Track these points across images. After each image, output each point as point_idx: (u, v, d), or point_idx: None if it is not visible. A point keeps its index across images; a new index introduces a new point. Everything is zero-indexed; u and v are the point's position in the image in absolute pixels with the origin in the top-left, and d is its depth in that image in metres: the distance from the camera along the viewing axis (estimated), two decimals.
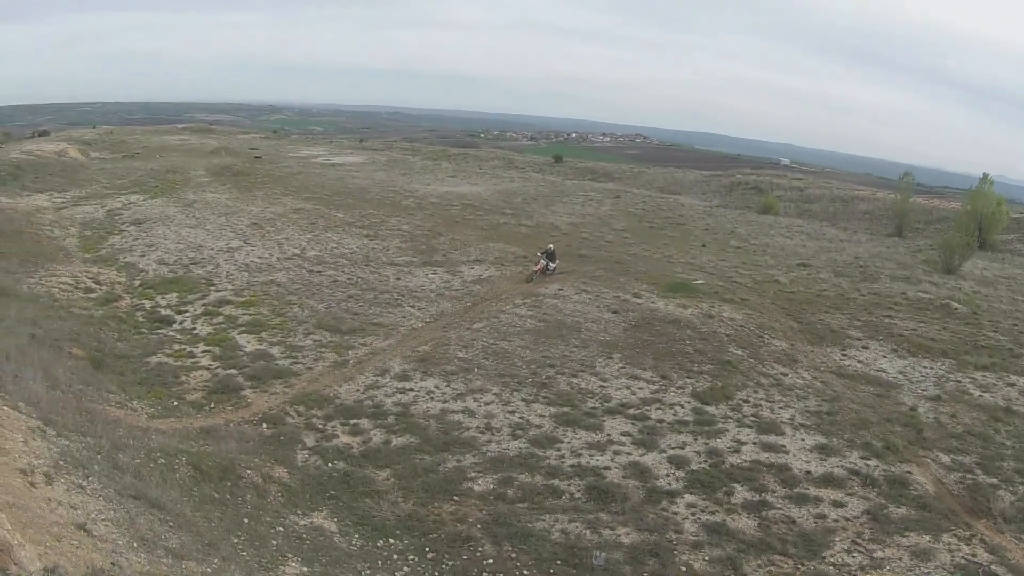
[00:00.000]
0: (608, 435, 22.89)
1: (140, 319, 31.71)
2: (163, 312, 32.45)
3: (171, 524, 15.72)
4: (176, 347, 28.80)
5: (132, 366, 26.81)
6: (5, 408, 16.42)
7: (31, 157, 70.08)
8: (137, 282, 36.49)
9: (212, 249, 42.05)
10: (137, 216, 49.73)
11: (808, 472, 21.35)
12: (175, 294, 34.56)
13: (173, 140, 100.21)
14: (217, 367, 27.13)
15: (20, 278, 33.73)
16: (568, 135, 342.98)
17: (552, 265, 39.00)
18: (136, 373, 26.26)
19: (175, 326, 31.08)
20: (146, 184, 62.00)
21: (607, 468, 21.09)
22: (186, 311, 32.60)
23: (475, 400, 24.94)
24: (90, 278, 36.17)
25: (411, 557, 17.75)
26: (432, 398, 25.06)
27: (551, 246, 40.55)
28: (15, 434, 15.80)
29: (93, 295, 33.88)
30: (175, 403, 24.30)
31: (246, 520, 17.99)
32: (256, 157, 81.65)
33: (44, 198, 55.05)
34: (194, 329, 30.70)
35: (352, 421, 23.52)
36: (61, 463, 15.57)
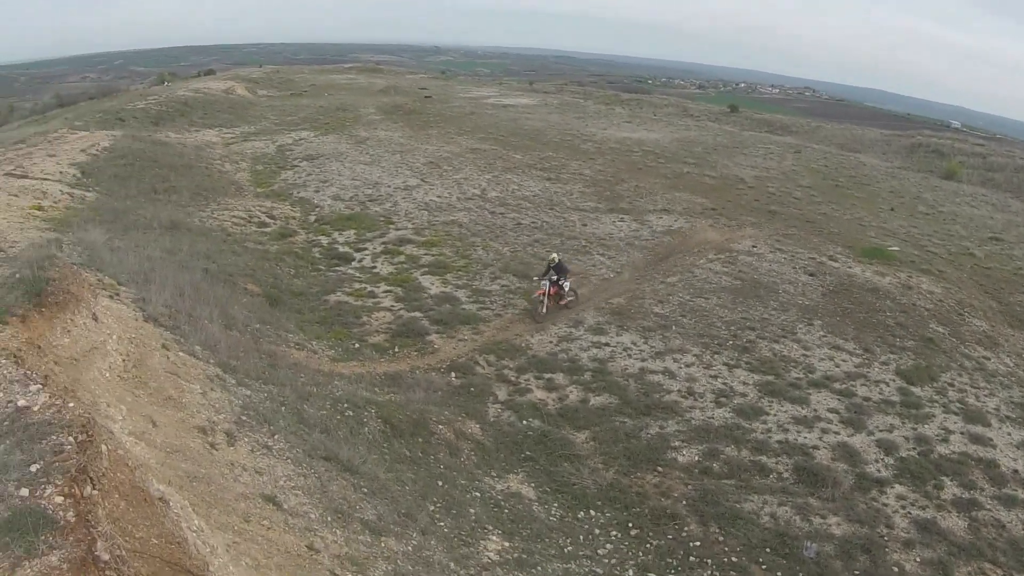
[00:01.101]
0: (815, 410, 21.05)
1: (317, 255, 30.70)
2: (341, 249, 31.33)
3: (365, 490, 14.54)
4: (356, 286, 27.67)
5: (310, 304, 25.82)
6: (181, 354, 14.97)
7: (198, 95, 70.74)
8: (312, 217, 35.53)
9: (389, 187, 40.78)
10: (309, 152, 48.98)
11: (1015, 472, 19.20)
12: (352, 231, 33.43)
13: (340, 79, 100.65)
14: (400, 309, 25.85)
15: (191, 211, 33.07)
16: (736, 84, 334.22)
17: (566, 284, 27.17)
18: (315, 312, 25.23)
19: (354, 264, 29.96)
20: (316, 121, 61.51)
21: (815, 448, 19.36)
22: (365, 249, 31.41)
23: (675, 361, 23.12)
24: (263, 212, 35.39)
25: (613, 533, 16.60)
26: (630, 355, 23.30)
27: (555, 256, 27.72)
28: (193, 384, 14.50)
29: (267, 230, 33.06)
30: (357, 345, 23.14)
31: (440, 483, 16.84)
32: (426, 97, 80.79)
33: (213, 134, 55.03)
34: (374, 268, 29.50)
35: (546, 375, 22.06)
36: (244, 418, 14.37)
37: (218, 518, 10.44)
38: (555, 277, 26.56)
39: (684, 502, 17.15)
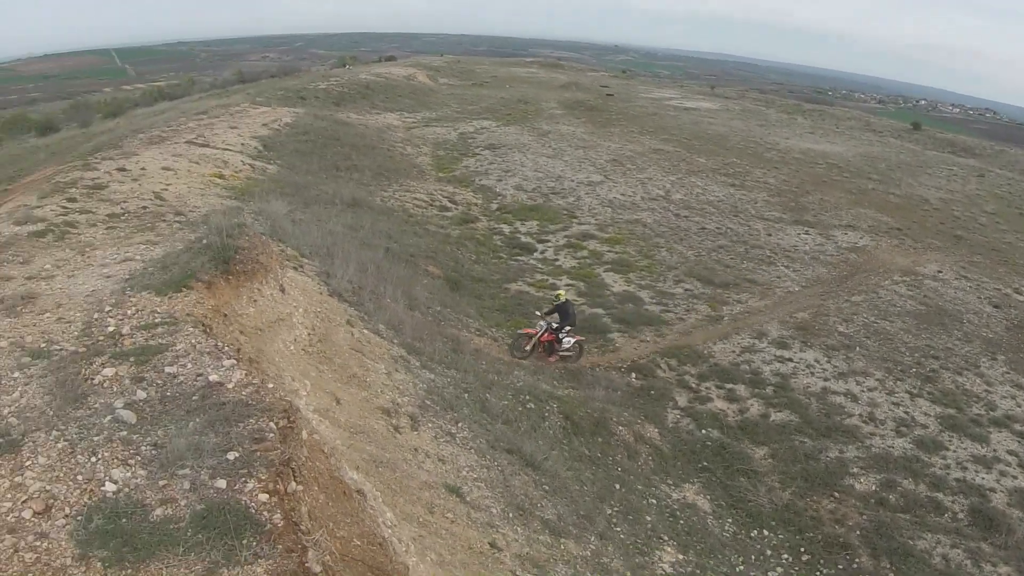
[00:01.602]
0: (994, 450, 19.73)
1: (498, 243, 30.44)
2: (523, 239, 31.05)
3: (546, 488, 14.02)
4: (538, 276, 27.30)
5: (490, 291, 25.57)
6: (366, 331, 14.64)
7: (380, 79, 71.89)
8: (494, 206, 35.32)
9: (572, 181, 40.31)
10: (491, 141, 48.94)
11: None
12: (535, 222, 33.10)
13: (522, 72, 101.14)
14: (582, 303, 25.22)
15: (373, 191, 33.23)
16: (916, 101, 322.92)
17: (566, 338, 21.78)
18: (495, 299, 24.95)
19: (536, 254, 29.62)
20: (498, 111, 61.61)
21: (992, 490, 18.13)
22: (547, 240, 31.02)
23: (857, 383, 21.96)
24: (445, 197, 35.33)
25: (785, 556, 16.02)
26: (812, 373, 22.24)
27: (562, 293, 22.53)
28: (377, 364, 14.16)
29: (448, 214, 32.97)
30: None
31: (617, 486, 16.29)
32: (608, 95, 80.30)
33: (394, 117, 55.63)
34: (556, 260, 29.06)
35: (728, 385, 21.23)
36: (427, 402, 14.00)
37: (404, 508, 10.04)
38: (555, 325, 21.68)
39: (858, 532, 16.43)
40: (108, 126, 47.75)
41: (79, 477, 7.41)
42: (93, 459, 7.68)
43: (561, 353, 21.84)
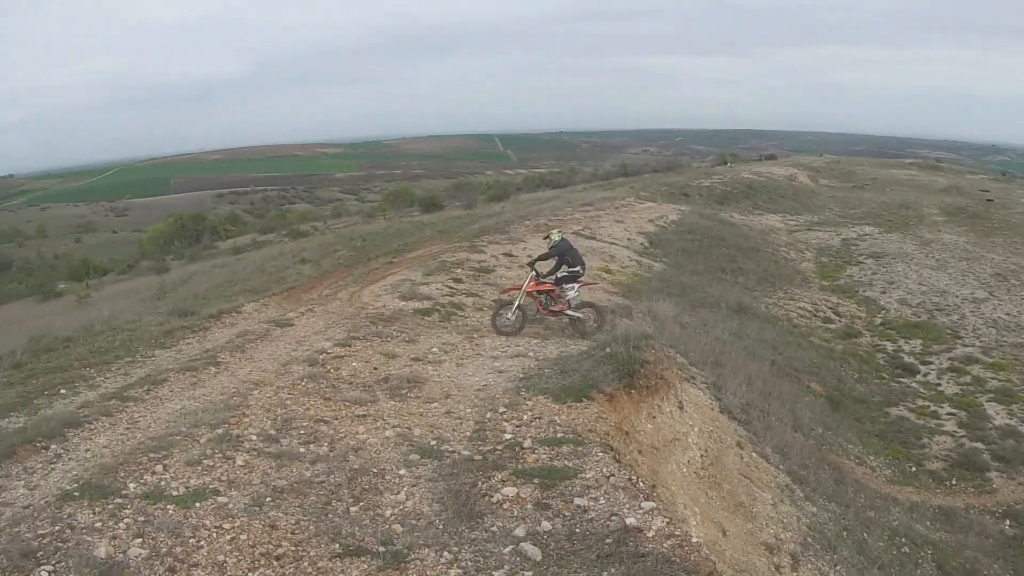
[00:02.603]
0: None
1: (881, 362, 28.51)
2: (905, 359, 28.86)
3: None
4: (919, 402, 25.12)
5: (871, 414, 23.80)
6: (754, 455, 13.84)
7: (761, 178, 70.93)
8: (878, 320, 33.28)
9: (956, 296, 37.29)
10: (874, 249, 46.49)
11: None
12: (919, 340, 30.75)
13: (901, 174, 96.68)
14: (962, 436, 22.83)
15: (758, 296, 32.37)
16: None
17: (571, 289, 18.48)
18: (875, 423, 23.19)
19: (918, 377, 27.35)
20: (879, 217, 58.84)
21: None
22: (930, 362, 28.63)
23: None
24: (829, 308, 33.80)
25: None
26: None
27: (556, 234, 19.19)
28: (764, 492, 13.29)
29: (832, 326, 31.46)
30: (913, 469, 20.76)
31: None
32: (988, 200, 74.74)
33: (777, 219, 54.46)
34: (939, 385, 26.66)
35: None
36: (809, 540, 12.90)
37: None
38: (559, 274, 18.25)
39: None
40: (493, 209, 49.71)
41: None
42: None
43: (569, 314, 18.21)
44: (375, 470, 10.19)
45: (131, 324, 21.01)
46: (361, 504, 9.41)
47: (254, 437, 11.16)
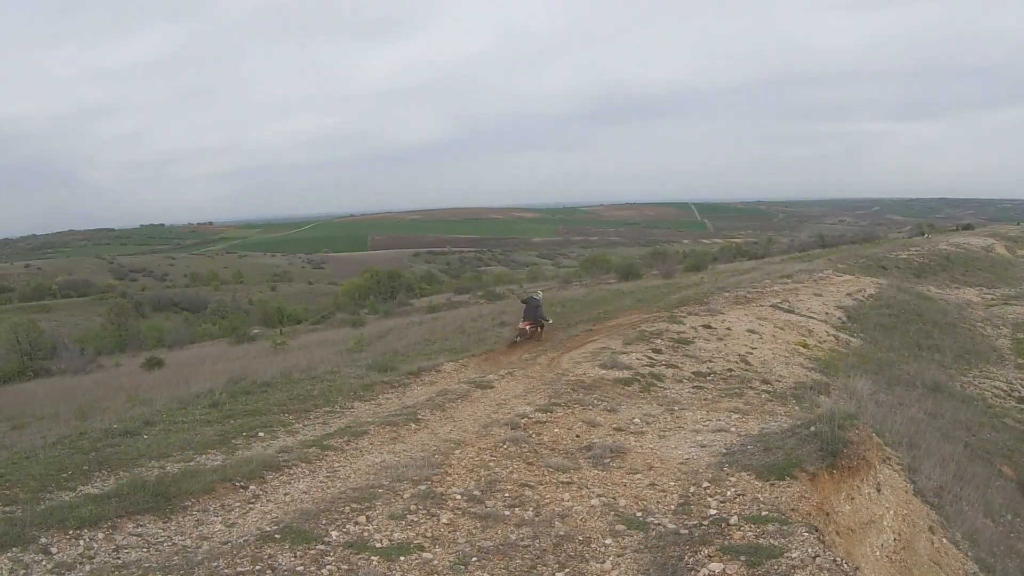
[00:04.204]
0: None
1: None
2: None
3: None
4: None
5: None
6: (944, 540, 13.72)
7: (958, 249, 68.11)
8: None
9: None
10: None
11: None
12: None
13: None
14: None
15: (953, 374, 31.21)
16: None
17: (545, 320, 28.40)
18: None
19: None
20: None
21: None
22: None
23: None
24: None
25: None
26: None
27: (538, 293, 31.07)
28: None
29: None
30: None
31: None
32: None
33: (973, 292, 52.22)
34: None
35: None
36: None
37: None
38: (537, 315, 27.89)
39: None
40: (691, 280, 49.63)
41: None
42: None
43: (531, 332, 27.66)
44: (580, 538, 10.10)
45: (330, 374, 21.74)
46: (567, 571, 9.31)
47: (458, 496, 11.19)
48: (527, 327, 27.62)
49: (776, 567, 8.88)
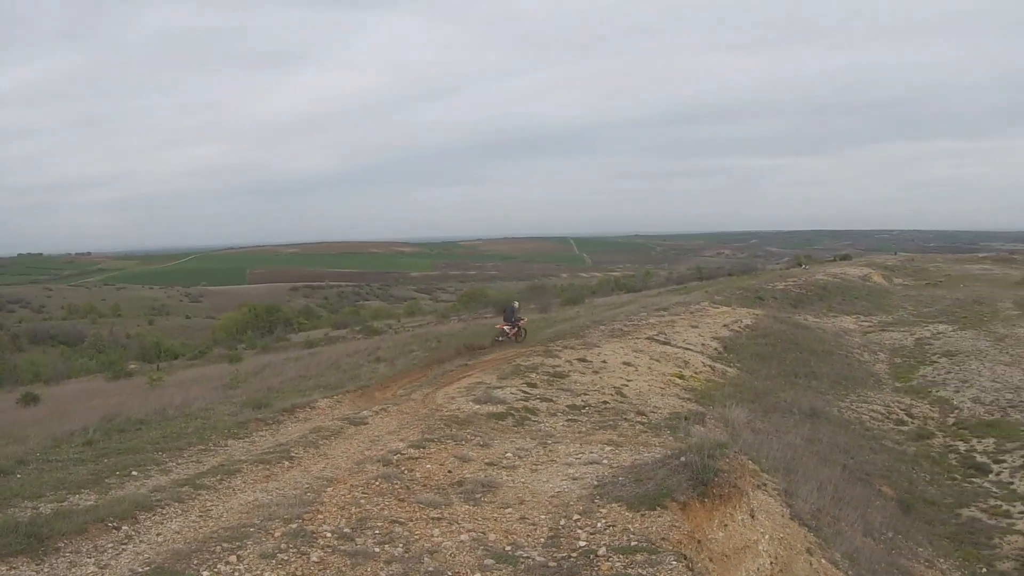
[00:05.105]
0: None
1: (953, 462, 28.20)
2: (978, 458, 28.44)
3: None
4: (991, 502, 24.77)
5: (942, 516, 23.57)
6: (823, 561, 14.09)
7: (835, 280, 70.69)
8: (951, 420, 32.85)
9: None
10: (947, 347, 45.86)
11: None
12: (992, 439, 30.16)
13: (974, 269, 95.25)
14: None
15: (830, 400, 32.30)
16: None
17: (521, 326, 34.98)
18: (945, 525, 22.96)
19: (991, 476, 26.95)
20: (953, 314, 58.04)
21: None
22: (1003, 461, 28.12)
23: None
24: (902, 409, 33.58)
25: None
26: None
27: (515, 303, 38.02)
28: None
29: (904, 428, 31.26)
30: (984, 570, 20.48)
31: None
32: None
33: (851, 320, 54.27)
34: (1011, 484, 26.17)
35: None
36: None
37: None
38: (515, 320, 34.63)
39: None
40: (568, 313, 50.33)
41: None
42: None
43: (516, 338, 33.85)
44: (449, 573, 10.17)
45: (204, 412, 21.60)
46: None
47: (329, 534, 11.23)
48: (505, 328, 33.93)
49: None
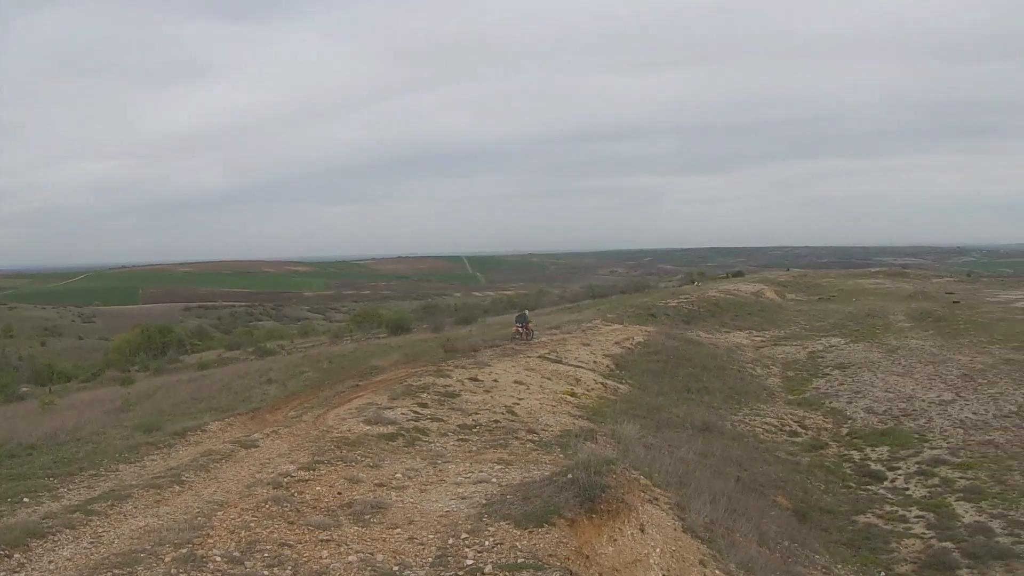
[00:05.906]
0: None
1: (848, 471, 28.84)
2: (872, 466, 29.19)
3: None
4: (887, 507, 25.39)
5: (838, 523, 24.06)
6: (718, 572, 14.17)
7: (728, 296, 72.40)
8: (844, 430, 33.71)
9: (923, 400, 37.81)
10: (840, 360, 47.33)
11: None
12: (886, 447, 31.09)
13: (867, 284, 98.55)
14: (931, 537, 23.02)
15: (723, 414, 32.87)
16: None
17: (534, 330, 41.88)
18: (842, 532, 23.46)
19: (885, 483, 27.66)
20: (846, 327, 59.95)
21: None
22: (898, 468, 28.95)
23: None
24: (795, 421, 34.36)
25: None
26: None
27: (526, 312, 44.79)
28: None
29: (798, 440, 31.93)
30: (883, 574, 20.90)
31: None
32: (954, 302, 75.97)
33: (743, 336, 55.45)
34: (906, 489, 26.95)
35: None
36: None
37: None
38: (525, 323, 41.26)
39: None
40: (460, 333, 50.50)
41: None
42: None
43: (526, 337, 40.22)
44: None
45: (96, 436, 21.44)
46: None
47: (218, 558, 11.16)
48: (519, 329, 40.58)
49: None
